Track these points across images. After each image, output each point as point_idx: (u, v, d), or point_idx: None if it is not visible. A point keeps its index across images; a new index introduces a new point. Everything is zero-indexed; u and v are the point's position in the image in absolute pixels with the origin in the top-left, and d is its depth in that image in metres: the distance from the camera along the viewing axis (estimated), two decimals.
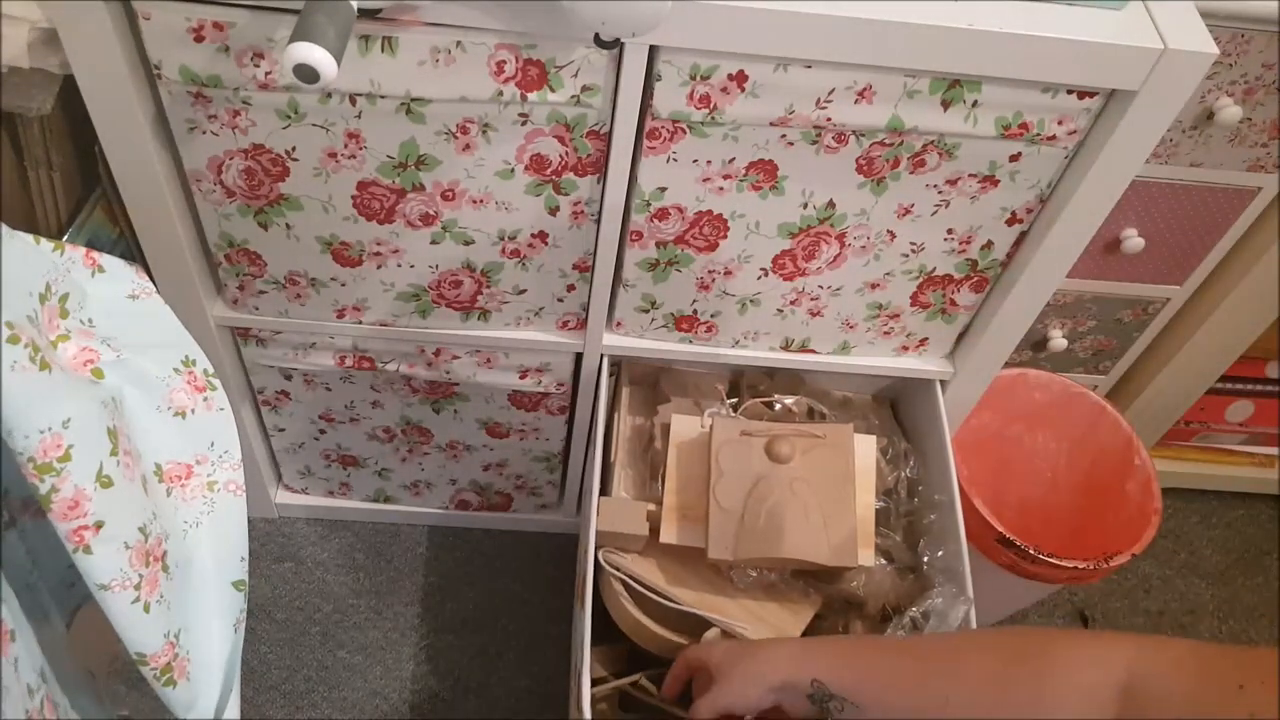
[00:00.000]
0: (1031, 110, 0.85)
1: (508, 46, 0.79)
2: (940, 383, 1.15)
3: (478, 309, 1.06)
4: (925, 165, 0.90)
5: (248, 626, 0.95)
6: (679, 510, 1.00)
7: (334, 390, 1.19)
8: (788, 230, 0.96)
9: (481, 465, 1.33)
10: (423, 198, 0.92)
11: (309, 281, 1.02)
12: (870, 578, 1.01)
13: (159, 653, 0.65)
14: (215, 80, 0.81)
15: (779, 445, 0.99)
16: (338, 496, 1.42)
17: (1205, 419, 1.58)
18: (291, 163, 0.88)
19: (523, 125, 0.86)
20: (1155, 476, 1.28)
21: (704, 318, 1.07)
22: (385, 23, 0.78)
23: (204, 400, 0.72)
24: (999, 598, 1.33)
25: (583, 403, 1.20)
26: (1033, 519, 1.35)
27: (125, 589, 0.61)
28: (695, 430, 1.04)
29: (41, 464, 0.55)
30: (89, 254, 0.66)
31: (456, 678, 1.33)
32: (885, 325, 1.09)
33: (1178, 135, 1.14)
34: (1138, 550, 1.20)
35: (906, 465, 1.13)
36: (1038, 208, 0.96)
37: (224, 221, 0.95)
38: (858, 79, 0.82)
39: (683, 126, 0.86)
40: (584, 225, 0.96)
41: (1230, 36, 1.03)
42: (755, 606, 0.99)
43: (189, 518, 0.72)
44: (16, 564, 0.69)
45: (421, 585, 1.40)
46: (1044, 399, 1.37)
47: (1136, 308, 1.37)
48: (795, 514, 0.96)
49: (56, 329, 0.62)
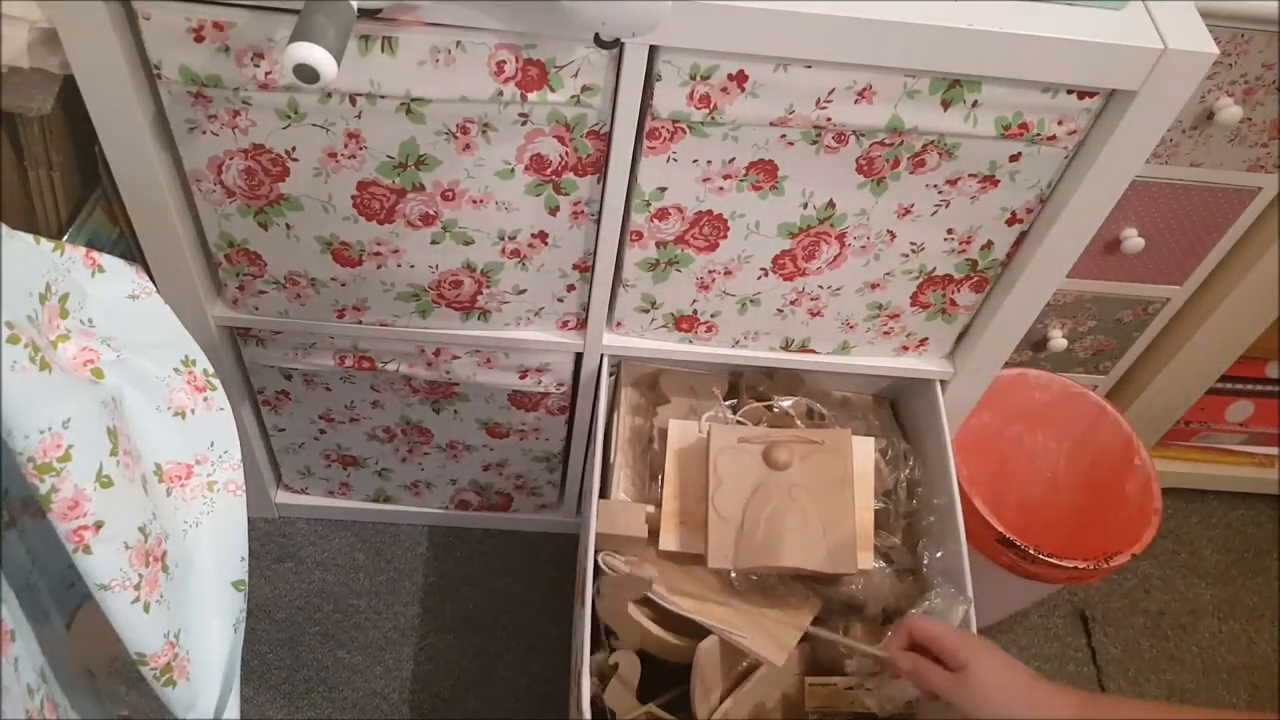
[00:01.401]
0: (1031, 110, 0.85)
1: (508, 46, 0.79)
2: (940, 383, 1.15)
3: (478, 309, 1.06)
4: (925, 165, 0.90)
5: (248, 626, 0.95)
6: (678, 516, 1.00)
7: (334, 390, 1.19)
8: (788, 230, 0.96)
9: (481, 465, 1.33)
10: (423, 198, 0.92)
11: (309, 281, 1.02)
12: (869, 580, 1.01)
13: (159, 653, 0.65)
14: (215, 80, 0.81)
15: (777, 452, 0.99)
16: (338, 496, 1.42)
17: (1205, 419, 1.58)
18: (291, 163, 0.88)
19: (523, 125, 0.86)
20: (1155, 476, 1.28)
21: (704, 318, 1.07)
22: (385, 23, 0.78)
23: (204, 400, 0.72)
24: (999, 598, 1.33)
25: (583, 403, 1.20)
26: (1033, 519, 1.35)
27: (125, 589, 0.61)
28: (693, 435, 1.04)
29: (41, 464, 0.55)
30: (89, 254, 0.66)
31: (456, 678, 1.33)
32: (885, 325, 1.09)
33: (1178, 135, 1.14)
34: (1138, 550, 1.20)
35: (906, 466, 1.13)
36: (1038, 208, 0.96)
37: (224, 221, 0.95)
38: (858, 79, 0.82)
39: (683, 126, 0.86)
40: (584, 225, 0.96)
41: (1230, 36, 1.03)
42: (754, 611, 0.99)
43: (189, 518, 0.72)
44: (16, 564, 0.69)
45: (421, 585, 1.40)
46: (1044, 399, 1.37)
47: (1136, 308, 1.37)
48: (794, 521, 0.96)
49: (56, 329, 0.62)
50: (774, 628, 0.98)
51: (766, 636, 0.97)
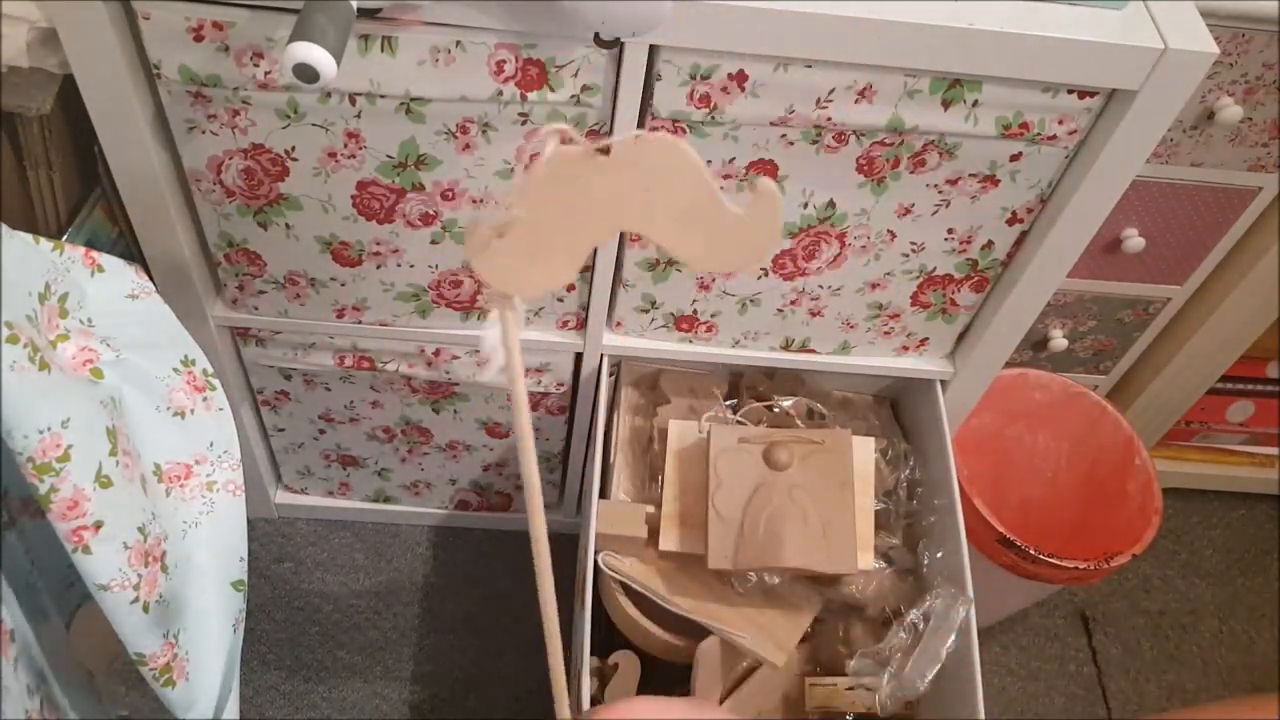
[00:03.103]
0: (1032, 110, 0.85)
1: (507, 46, 0.79)
2: (940, 383, 1.14)
3: (478, 309, 1.06)
4: (925, 165, 0.90)
5: (247, 626, 0.95)
6: (678, 517, 1.00)
7: (334, 390, 1.19)
8: (788, 230, 0.96)
9: (481, 465, 1.33)
10: (422, 197, 0.92)
11: (309, 281, 1.02)
12: (870, 581, 1.01)
13: (158, 653, 0.65)
14: (215, 80, 0.81)
15: (777, 452, 0.99)
16: (337, 496, 1.42)
17: (1206, 419, 1.58)
18: (291, 162, 0.88)
19: (523, 125, 0.86)
20: (1156, 476, 1.27)
21: (704, 318, 1.07)
22: (385, 22, 0.78)
23: (203, 400, 0.72)
24: (999, 598, 1.33)
25: (582, 403, 1.20)
26: (1033, 519, 1.35)
27: (124, 589, 0.61)
28: (693, 436, 1.04)
29: (41, 464, 0.55)
30: (88, 253, 0.66)
31: (456, 678, 1.33)
32: (885, 325, 1.09)
33: (1178, 135, 1.14)
34: (1138, 550, 1.20)
35: (906, 466, 1.13)
36: (1038, 207, 0.96)
37: (223, 221, 0.95)
38: (858, 79, 0.82)
39: (683, 126, 0.86)
40: None
41: (1230, 36, 1.03)
42: (754, 612, 0.99)
43: (188, 518, 0.72)
44: (16, 564, 0.69)
45: (421, 585, 1.40)
46: (1044, 399, 1.37)
47: (1137, 308, 1.37)
48: (795, 521, 0.96)
49: (56, 329, 0.62)
50: (774, 628, 0.98)
51: (766, 636, 0.97)
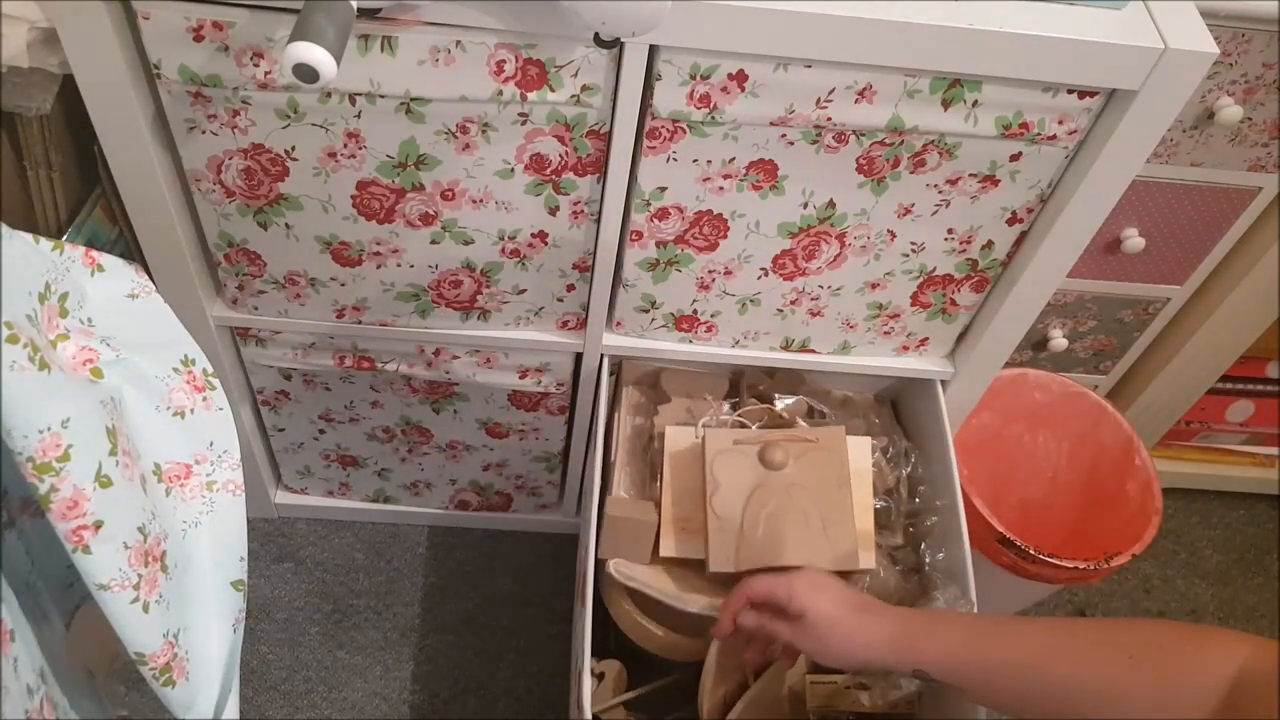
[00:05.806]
0: (1032, 110, 0.85)
1: (507, 46, 0.79)
2: (941, 383, 1.14)
3: (478, 309, 1.06)
4: (925, 165, 0.90)
5: (247, 626, 0.95)
6: (677, 523, 1.00)
7: (334, 390, 1.19)
8: (788, 230, 0.96)
9: (481, 465, 1.33)
10: (422, 197, 0.92)
11: (309, 281, 1.02)
12: (874, 579, 1.01)
13: (158, 652, 0.65)
14: (215, 80, 0.81)
15: (772, 452, 0.99)
16: (337, 496, 1.42)
17: (1205, 419, 1.58)
18: (291, 162, 0.88)
19: (522, 125, 0.86)
20: (1155, 476, 1.27)
21: (704, 318, 1.07)
22: (385, 22, 0.78)
23: (203, 400, 0.72)
24: (1000, 598, 1.33)
25: (582, 403, 1.20)
26: (1033, 519, 1.35)
27: (124, 589, 0.61)
28: (689, 440, 1.04)
29: (41, 464, 0.55)
30: (88, 253, 0.66)
31: (456, 678, 1.33)
32: (885, 325, 1.09)
33: (1178, 135, 1.14)
34: (1138, 550, 1.20)
35: (907, 463, 1.13)
36: (1038, 207, 0.96)
37: (223, 221, 0.95)
38: (858, 79, 0.82)
39: (683, 126, 0.86)
40: (584, 225, 0.96)
41: (1230, 36, 1.03)
42: None
43: (188, 517, 0.72)
44: (16, 564, 0.69)
45: (421, 585, 1.40)
46: (1044, 399, 1.37)
47: (1137, 308, 1.37)
48: (794, 520, 0.96)
49: (56, 328, 0.62)
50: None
51: None
